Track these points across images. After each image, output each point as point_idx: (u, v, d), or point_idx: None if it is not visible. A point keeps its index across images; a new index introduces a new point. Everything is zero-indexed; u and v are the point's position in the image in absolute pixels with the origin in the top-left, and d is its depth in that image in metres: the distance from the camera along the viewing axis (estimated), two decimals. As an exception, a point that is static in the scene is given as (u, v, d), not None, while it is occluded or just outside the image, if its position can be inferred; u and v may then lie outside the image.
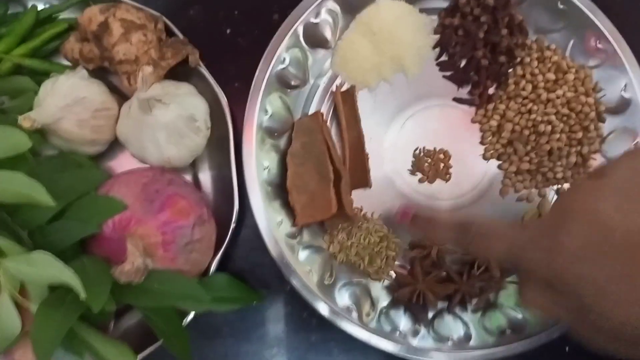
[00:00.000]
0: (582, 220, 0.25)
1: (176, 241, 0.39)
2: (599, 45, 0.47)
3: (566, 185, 0.48)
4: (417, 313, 0.46)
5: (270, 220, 0.44)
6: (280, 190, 0.46)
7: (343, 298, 0.45)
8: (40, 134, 0.41)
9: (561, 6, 0.48)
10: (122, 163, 0.47)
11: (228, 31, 0.50)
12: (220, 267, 0.45)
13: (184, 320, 0.41)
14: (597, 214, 0.25)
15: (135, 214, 0.38)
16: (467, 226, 0.31)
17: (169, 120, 0.40)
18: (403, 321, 0.45)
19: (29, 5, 0.46)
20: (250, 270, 0.48)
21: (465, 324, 0.46)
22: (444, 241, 0.34)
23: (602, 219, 0.25)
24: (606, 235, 0.24)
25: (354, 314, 0.44)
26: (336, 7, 0.47)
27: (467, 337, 0.45)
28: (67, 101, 0.40)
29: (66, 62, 0.45)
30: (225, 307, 0.42)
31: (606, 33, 0.47)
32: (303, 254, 0.45)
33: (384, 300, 0.46)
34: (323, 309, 0.43)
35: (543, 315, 0.28)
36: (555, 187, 0.49)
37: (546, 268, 0.26)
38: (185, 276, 0.39)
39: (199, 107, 0.43)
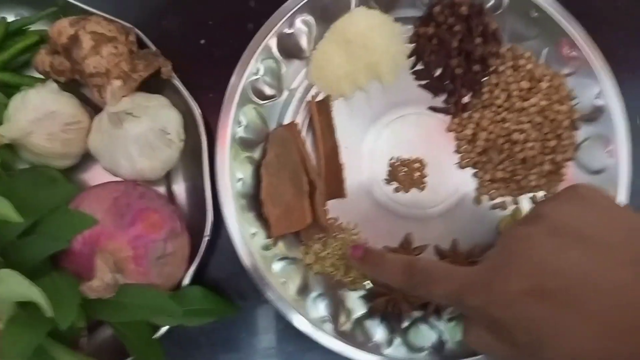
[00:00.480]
0: (518, 267, 0.26)
1: (148, 255, 0.39)
2: (572, 53, 0.48)
3: (541, 194, 0.49)
4: (392, 323, 0.46)
5: (244, 232, 0.43)
6: (254, 201, 0.46)
7: (318, 309, 0.45)
8: (11, 148, 0.41)
9: (534, 14, 0.48)
10: (96, 176, 0.46)
11: (202, 41, 0.49)
12: (196, 279, 0.45)
13: (157, 333, 0.41)
14: (531, 260, 0.26)
15: (106, 229, 0.38)
16: (411, 269, 0.32)
17: (140, 133, 0.40)
18: (378, 331, 0.45)
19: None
20: (227, 280, 0.48)
21: (440, 332, 0.46)
22: (390, 282, 0.34)
23: (538, 266, 0.25)
24: (541, 281, 0.25)
25: (330, 325, 0.44)
26: (310, 18, 0.47)
27: (442, 345, 0.45)
28: (37, 115, 0.40)
29: (38, 75, 0.45)
30: (199, 320, 0.42)
31: (579, 41, 0.47)
32: (278, 265, 0.45)
33: (359, 311, 0.46)
34: (297, 321, 0.43)
35: (485, 355, 0.29)
36: (529, 194, 0.49)
37: (484, 312, 0.26)
38: (156, 290, 0.39)
39: (171, 119, 0.43)
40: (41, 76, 0.45)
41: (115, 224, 0.38)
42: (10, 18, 0.45)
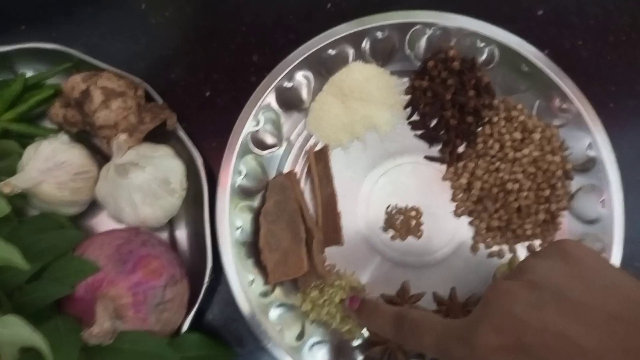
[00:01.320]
0: (496, 321, 0.26)
1: (147, 302, 0.40)
2: (563, 106, 0.49)
3: (537, 242, 0.49)
4: (389, 371, 0.46)
5: (242, 279, 0.45)
6: (253, 248, 0.47)
7: (315, 357, 0.45)
8: (22, 195, 0.43)
9: (525, 68, 0.50)
10: (103, 222, 0.48)
11: (207, 93, 0.52)
12: (195, 324, 0.46)
13: (156, 379, 0.42)
14: (509, 315, 0.26)
15: (108, 275, 0.39)
16: (401, 320, 0.33)
17: (144, 182, 0.42)
18: (375, 379, 0.46)
19: (19, 72, 0.48)
20: (225, 326, 0.48)
21: (437, 382, 0.46)
22: (382, 333, 0.35)
23: (515, 321, 0.26)
24: (518, 336, 0.25)
25: (327, 373, 0.45)
26: (308, 72, 0.49)
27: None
28: (48, 165, 0.42)
29: (52, 126, 0.48)
30: (196, 366, 0.43)
31: (569, 94, 0.49)
32: (276, 312, 0.46)
33: (357, 359, 0.46)
34: (294, 368, 0.44)
35: None
36: (526, 243, 0.49)
37: None
38: (154, 336, 0.40)
39: (175, 169, 0.44)
40: (55, 127, 0.47)
41: (117, 270, 0.40)
42: (29, 73, 0.48)
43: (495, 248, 0.49)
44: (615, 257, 0.46)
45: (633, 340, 0.24)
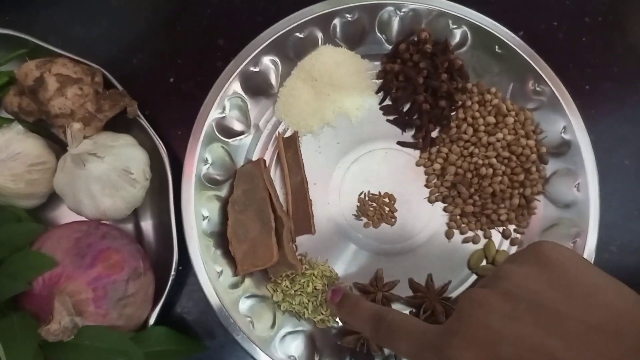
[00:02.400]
0: (471, 334, 0.25)
1: (108, 296, 0.38)
2: (538, 88, 0.48)
3: (512, 227, 0.49)
4: (363, 361, 0.45)
5: (210, 271, 0.43)
6: (221, 239, 0.45)
7: (287, 347, 0.44)
8: (-25, 188, 0.41)
9: (499, 50, 0.48)
10: (64, 215, 0.46)
11: (172, 79, 0.50)
12: (164, 318, 0.44)
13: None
14: (484, 328, 0.25)
15: (66, 270, 0.38)
16: (380, 321, 0.31)
17: (102, 172, 0.40)
18: (349, 370, 0.45)
19: (-31, 59, 0.46)
20: (195, 319, 0.47)
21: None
22: (360, 330, 0.34)
23: (489, 333, 0.24)
24: (494, 350, 0.24)
25: (298, 364, 0.44)
26: (276, 57, 0.47)
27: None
28: (1, 156, 0.40)
29: (7, 115, 0.45)
30: (164, 361, 0.42)
31: (544, 76, 0.48)
32: (246, 303, 0.45)
33: (330, 349, 0.45)
34: (264, 360, 0.43)
35: None
36: (501, 228, 0.49)
37: None
38: (116, 331, 0.38)
39: (137, 158, 0.43)
40: (10, 116, 0.45)
41: (75, 265, 0.38)
42: (-19, 60, 0.46)
43: (470, 234, 0.48)
44: (591, 242, 0.46)
45: (614, 352, 0.22)
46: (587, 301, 0.24)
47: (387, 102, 0.50)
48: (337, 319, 0.46)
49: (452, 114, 0.49)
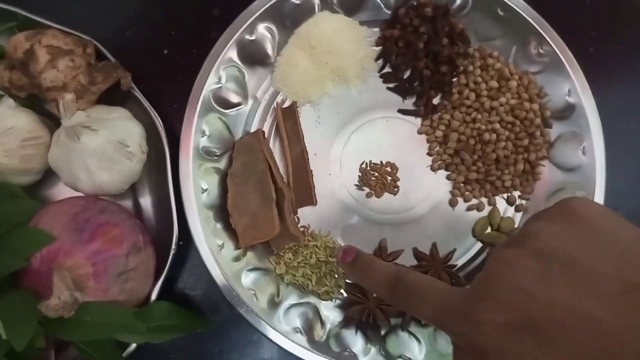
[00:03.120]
0: (501, 296, 0.23)
1: (108, 271, 0.38)
2: (541, 50, 0.47)
3: (516, 194, 0.48)
4: (369, 331, 0.45)
5: (211, 244, 0.43)
6: (222, 212, 0.45)
7: (292, 319, 0.44)
8: (-32, 166, 0.40)
9: (501, 13, 0.47)
10: (62, 191, 0.45)
11: (165, 51, 0.49)
12: (166, 293, 0.44)
13: (126, 351, 0.40)
14: (514, 289, 0.23)
15: (64, 245, 0.37)
16: (398, 282, 0.29)
17: (98, 146, 0.39)
18: (355, 341, 0.44)
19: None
20: (199, 294, 0.47)
21: (418, 340, 0.44)
22: (376, 293, 0.32)
23: (521, 295, 0.23)
24: (525, 312, 0.22)
25: (304, 336, 0.43)
26: (272, 24, 0.46)
27: (420, 354, 0.44)
28: (-7, 132, 0.39)
29: (-1, 91, 0.44)
30: (167, 336, 0.41)
31: (547, 38, 0.47)
32: (249, 277, 0.44)
33: (335, 320, 0.45)
34: (270, 333, 0.42)
35: None
36: (505, 195, 0.48)
37: (469, 341, 0.24)
38: (118, 307, 0.38)
39: (132, 131, 0.42)
40: (1, 92, 0.44)
41: (74, 240, 0.37)
42: (-32, 35, 0.45)
43: (474, 201, 0.48)
44: (597, 206, 0.45)
45: None
46: (624, 258, 0.23)
47: (387, 69, 0.49)
48: (342, 291, 0.45)
49: (453, 79, 0.48)
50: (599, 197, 0.45)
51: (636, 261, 0.23)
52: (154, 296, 0.42)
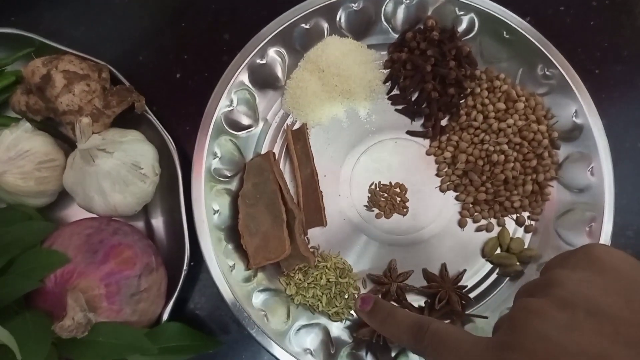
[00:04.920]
0: (529, 347, 0.23)
1: (121, 292, 0.38)
2: (547, 72, 0.48)
3: (525, 214, 0.48)
4: (379, 353, 0.44)
5: (222, 265, 0.43)
6: (233, 233, 0.45)
7: (302, 340, 0.44)
8: (-15, 188, 0.41)
9: (507, 36, 0.48)
10: (75, 213, 0.46)
11: (178, 75, 0.50)
12: (178, 313, 0.44)
13: (137, 372, 0.40)
14: (543, 339, 0.23)
15: (78, 266, 0.37)
16: (422, 331, 0.29)
17: (112, 168, 0.40)
18: (365, 362, 0.44)
19: (-24, 60, 0.46)
20: (209, 314, 0.47)
21: (428, 361, 0.44)
22: (397, 341, 0.32)
23: (549, 345, 0.23)
24: None
25: (314, 358, 0.43)
26: (282, 48, 0.47)
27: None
28: (10, 155, 0.40)
29: (15, 115, 0.45)
30: (178, 357, 0.41)
31: (553, 60, 0.47)
32: (259, 297, 0.44)
33: (344, 341, 0.45)
34: (279, 354, 0.42)
35: None
36: (514, 215, 0.48)
37: None
38: (130, 327, 0.38)
39: (146, 153, 0.42)
40: (18, 116, 0.45)
41: (87, 261, 0.38)
42: (-13, 60, 0.46)
43: (483, 222, 0.48)
44: (607, 227, 0.45)
45: None
46: None
47: (395, 91, 0.50)
48: (352, 312, 0.45)
49: (461, 101, 0.49)
50: (609, 217, 0.45)
51: None
52: (165, 317, 0.42)
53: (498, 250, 0.48)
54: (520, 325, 0.24)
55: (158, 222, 0.47)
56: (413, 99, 0.49)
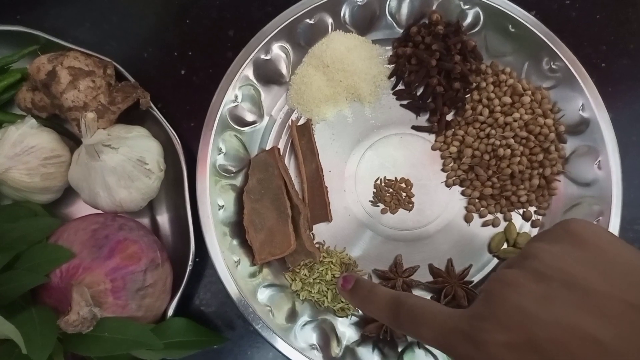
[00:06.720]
0: (503, 317, 0.23)
1: (127, 287, 0.38)
2: (553, 66, 0.47)
3: (532, 209, 0.48)
4: (386, 349, 0.44)
5: (227, 260, 0.43)
6: (238, 228, 0.45)
7: (308, 336, 0.44)
8: (-9, 184, 0.41)
9: (512, 29, 0.48)
10: (80, 209, 0.46)
11: (183, 71, 0.50)
12: (183, 309, 0.44)
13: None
14: (517, 310, 0.23)
15: (84, 262, 0.38)
16: (398, 307, 0.29)
17: (117, 163, 0.40)
18: (371, 358, 0.44)
19: (-18, 57, 0.46)
20: (214, 310, 0.47)
21: (435, 357, 0.44)
22: (377, 318, 0.32)
23: (523, 315, 0.23)
24: (528, 333, 0.22)
25: (320, 353, 0.43)
26: (286, 44, 0.47)
27: (437, 371, 0.43)
28: (16, 151, 0.40)
29: (21, 112, 0.46)
30: (184, 352, 0.41)
31: (559, 53, 0.47)
32: (265, 293, 0.44)
33: (351, 337, 0.45)
34: (285, 349, 0.42)
35: None
36: (521, 210, 0.48)
37: None
38: (136, 323, 0.38)
39: (151, 149, 0.42)
40: (24, 113, 0.45)
41: (93, 256, 0.38)
42: (-8, 58, 0.46)
43: (489, 217, 0.48)
44: (615, 220, 0.45)
45: None
46: (626, 279, 0.23)
47: (400, 86, 0.50)
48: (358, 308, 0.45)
49: (466, 95, 0.49)
50: (616, 210, 0.45)
51: (637, 282, 0.23)
52: (170, 312, 0.42)
53: (505, 246, 0.47)
54: (494, 296, 0.25)
55: (163, 218, 0.47)
56: (418, 93, 0.49)
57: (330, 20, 0.48)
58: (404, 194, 0.48)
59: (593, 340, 0.21)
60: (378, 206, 0.48)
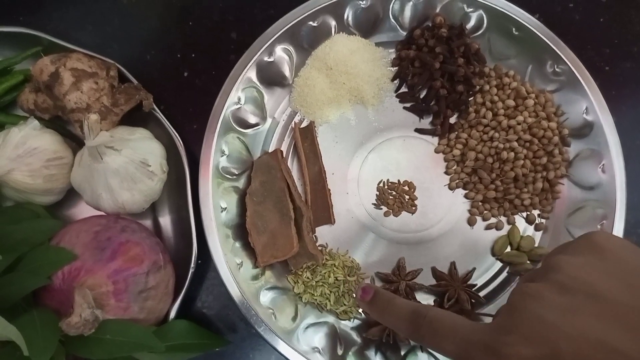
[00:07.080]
0: (527, 330, 0.23)
1: (129, 289, 0.38)
2: (557, 69, 0.47)
3: (535, 212, 0.47)
4: (388, 352, 0.44)
5: (230, 263, 0.43)
6: (240, 231, 0.45)
7: (310, 339, 0.43)
8: (-6, 186, 0.41)
9: (516, 32, 0.48)
10: (83, 211, 0.46)
11: (185, 74, 0.50)
12: (185, 312, 0.44)
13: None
14: (541, 323, 0.23)
15: (85, 264, 0.37)
16: (419, 319, 0.29)
17: (120, 165, 0.40)
18: (374, 361, 0.44)
19: (-15, 59, 0.46)
20: (217, 313, 0.47)
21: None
22: (397, 330, 0.32)
23: (547, 328, 0.23)
24: (553, 347, 0.22)
25: (322, 356, 0.43)
26: (290, 46, 0.47)
27: (440, 375, 0.43)
28: (19, 152, 0.40)
29: (23, 113, 0.45)
30: (185, 355, 0.41)
31: (562, 56, 0.47)
32: (267, 296, 0.44)
33: (354, 340, 0.44)
34: (287, 352, 0.42)
35: None
36: (524, 213, 0.48)
37: None
38: (138, 325, 0.38)
39: (153, 151, 0.42)
40: (26, 114, 0.45)
41: (95, 258, 0.38)
42: (-4, 59, 0.46)
43: (492, 220, 0.47)
44: (619, 224, 0.44)
45: None
46: None
47: (404, 89, 0.49)
48: (360, 311, 0.45)
49: (470, 98, 0.49)
50: (620, 214, 0.45)
51: None
52: (172, 315, 0.42)
53: (508, 249, 0.47)
54: (517, 309, 0.24)
55: (165, 220, 0.47)
56: (421, 96, 0.49)
57: (333, 23, 0.48)
58: (407, 197, 0.47)
59: (619, 355, 0.21)
60: (381, 209, 0.47)
